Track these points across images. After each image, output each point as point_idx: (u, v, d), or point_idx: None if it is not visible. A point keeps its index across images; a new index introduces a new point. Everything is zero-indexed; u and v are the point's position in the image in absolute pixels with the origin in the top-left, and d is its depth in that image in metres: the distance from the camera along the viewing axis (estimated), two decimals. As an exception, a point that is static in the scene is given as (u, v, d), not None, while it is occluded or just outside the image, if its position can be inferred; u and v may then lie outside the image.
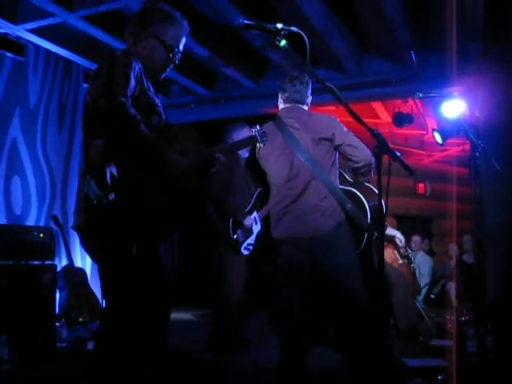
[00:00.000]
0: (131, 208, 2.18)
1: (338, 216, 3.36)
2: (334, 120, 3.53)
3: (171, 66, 2.60)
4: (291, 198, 3.44)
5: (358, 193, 3.69)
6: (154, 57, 2.50)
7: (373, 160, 3.42)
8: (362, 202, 3.67)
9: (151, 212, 2.23)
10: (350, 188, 3.65)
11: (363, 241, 3.60)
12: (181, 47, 2.60)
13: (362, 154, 3.42)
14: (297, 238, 3.44)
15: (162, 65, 2.55)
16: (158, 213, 2.26)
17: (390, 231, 5.35)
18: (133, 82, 2.25)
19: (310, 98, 3.73)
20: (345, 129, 3.49)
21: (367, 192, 3.82)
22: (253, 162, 4.79)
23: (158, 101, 2.49)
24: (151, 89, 2.47)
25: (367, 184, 3.95)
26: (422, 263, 8.06)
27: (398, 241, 5.36)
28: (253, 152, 4.72)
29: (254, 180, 4.98)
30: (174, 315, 7.26)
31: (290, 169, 3.46)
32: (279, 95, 3.76)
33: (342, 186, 3.56)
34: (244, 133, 4.50)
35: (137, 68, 2.30)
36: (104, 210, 2.16)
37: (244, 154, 4.89)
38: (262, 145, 2.89)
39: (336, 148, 3.46)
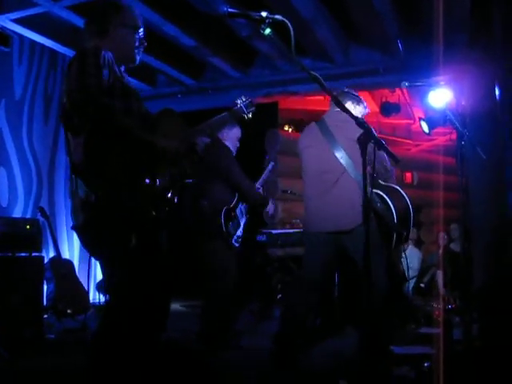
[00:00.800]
0: (120, 201, 2.18)
1: None
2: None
3: (143, 47, 2.64)
4: (322, 190, 3.64)
5: (383, 194, 3.77)
6: (125, 43, 2.55)
7: (392, 171, 3.79)
8: (387, 202, 3.75)
9: (141, 202, 2.23)
10: (376, 190, 3.73)
11: (393, 240, 3.71)
12: (142, 26, 2.63)
13: (383, 166, 3.68)
14: (324, 230, 3.63)
15: (136, 47, 2.60)
16: (148, 201, 2.25)
17: None
18: (105, 71, 2.26)
19: (351, 103, 3.92)
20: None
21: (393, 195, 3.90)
22: (238, 155, 4.81)
23: (133, 86, 2.51)
24: (125, 75, 2.50)
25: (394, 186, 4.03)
26: (412, 256, 8.10)
27: None
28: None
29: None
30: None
31: (323, 162, 3.67)
32: None
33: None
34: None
35: (107, 57, 2.32)
36: (94, 207, 2.18)
37: (233, 147, 4.84)
38: (249, 115, 2.86)
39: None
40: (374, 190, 3.66)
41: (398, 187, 3.92)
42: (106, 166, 2.16)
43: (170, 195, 2.36)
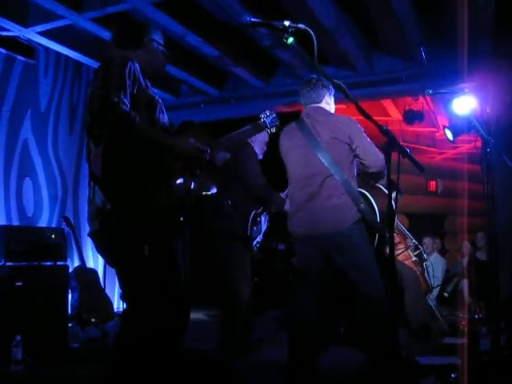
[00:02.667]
0: (135, 211, 2.20)
1: (355, 214, 3.37)
2: (351, 122, 3.55)
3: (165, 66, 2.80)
4: (308, 195, 3.49)
5: (367, 194, 3.71)
6: (156, 58, 2.67)
7: (384, 167, 3.41)
8: (372, 203, 3.69)
9: (155, 212, 2.23)
10: (360, 189, 3.65)
11: (375, 241, 3.63)
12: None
13: (373, 160, 3.47)
14: (312, 236, 3.48)
15: (163, 63, 2.74)
16: (163, 212, 2.26)
17: None
18: (129, 82, 2.29)
19: (329, 94, 3.76)
20: (362, 133, 3.52)
21: (376, 192, 3.83)
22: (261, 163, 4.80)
23: (158, 97, 2.53)
24: (149, 86, 2.53)
25: (378, 184, 3.96)
26: (436, 265, 7.99)
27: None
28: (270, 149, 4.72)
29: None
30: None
31: (308, 166, 3.52)
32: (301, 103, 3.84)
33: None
34: (261, 136, 4.52)
35: (132, 68, 2.35)
36: (109, 216, 2.20)
37: (259, 156, 4.83)
38: (273, 130, 2.87)
39: (354, 150, 3.48)
40: (358, 189, 3.56)
41: (379, 185, 3.84)
42: (122, 177, 2.19)
43: (185, 209, 2.37)
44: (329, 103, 3.77)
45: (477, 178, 3.86)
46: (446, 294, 8.14)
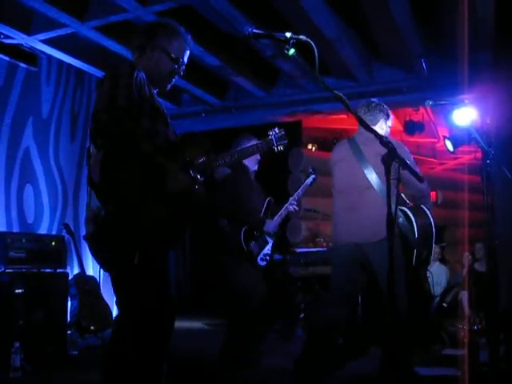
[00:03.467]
0: (128, 219, 2.22)
1: None
2: (399, 145, 3.67)
3: (176, 77, 2.66)
4: (348, 205, 3.74)
5: (408, 211, 3.80)
6: (159, 68, 2.57)
7: (425, 192, 3.84)
8: (411, 220, 3.76)
9: (149, 223, 2.25)
10: (401, 207, 3.76)
11: (413, 256, 3.71)
12: (185, 59, 2.67)
13: (412, 187, 3.68)
14: (351, 245, 3.68)
15: (168, 75, 2.61)
16: (157, 225, 2.27)
17: None
18: (135, 92, 2.28)
19: (384, 120, 3.99)
20: (409, 157, 3.71)
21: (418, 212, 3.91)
22: (261, 173, 4.81)
23: (163, 108, 2.52)
24: (155, 97, 2.51)
25: (422, 206, 4.03)
26: (439, 273, 8.01)
27: None
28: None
29: (263, 191, 4.96)
30: (186, 324, 7.26)
31: (351, 177, 3.76)
32: None
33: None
34: (251, 143, 4.50)
35: (139, 76, 2.34)
36: (103, 221, 2.22)
37: (252, 167, 4.85)
38: (280, 148, 2.86)
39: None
40: (399, 207, 3.66)
41: (423, 206, 3.90)
42: (119, 185, 2.20)
43: (180, 221, 2.37)
44: (383, 128, 3.95)
45: (477, 189, 3.87)
46: (445, 305, 8.13)
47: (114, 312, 6.56)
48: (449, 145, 5.47)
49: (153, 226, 2.26)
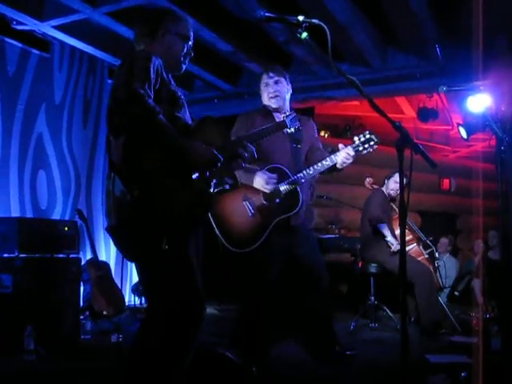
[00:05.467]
0: (155, 202, 2.18)
1: None
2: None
3: (189, 58, 2.67)
4: None
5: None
6: (173, 50, 2.58)
7: None
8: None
9: (177, 204, 2.23)
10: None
11: None
12: (192, 38, 2.67)
13: None
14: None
15: (183, 57, 2.62)
16: (184, 205, 2.26)
17: None
18: (153, 76, 2.27)
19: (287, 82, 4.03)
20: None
21: None
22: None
23: (180, 93, 2.51)
24: (172, 82, 2.51)
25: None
26: (449, 265, 7.97)
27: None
28: None
29: None
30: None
31: None
32: None
33: None
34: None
35: (157, 62, 2.34)
36: (129, 206, 2.17)
37: None
38: (292, 130, 2.86)
39: None
40: None
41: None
42: (145, 168, 2.17)
43: (206, 201, 2.36)
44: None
45: (490, 177, 3.84)
46: (456, 293, 8.12)
47: (127, 297, 6.61)
48: (463, 132, 5.40)
49: (180, 207, 2.23)
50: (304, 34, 2.08)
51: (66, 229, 4.96)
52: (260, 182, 3.64)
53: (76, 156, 6.52)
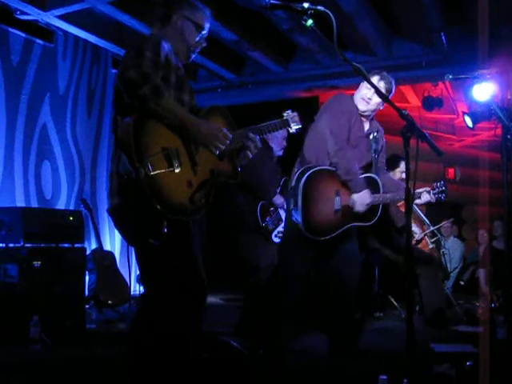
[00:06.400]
0: (161, 181, 2.16)
1: None
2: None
3: (199, 48, 2.65)
4: None
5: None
6: (184, 37, 2.55)
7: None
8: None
9: (182, 188, 2.22)
10: None
11: None
12: (207, 29, 2.63)
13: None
14: None
15: (193, 45, 2.60)
16: (188, 190, 2.24)
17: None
18: (162, 59, 2.27)
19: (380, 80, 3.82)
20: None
21: None
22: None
23: (188, 80, 2.52)
24: (181, 68, 2.49)
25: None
26: (454, 248, 7.96)
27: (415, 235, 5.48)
28: None
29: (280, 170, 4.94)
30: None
31: None
32: None
33: None
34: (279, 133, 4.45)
35: (166, 47, 2.33)
36: (133, 186, 2.14)
37: (278, 151, 4.82)
38: (292, 130, 2.84)
39: None
40: None
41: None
42: (153, 148, 2.16)
43: (208, 191, 2.35)
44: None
45: (496, 166, 3.81)
46: (461, 283, 8.12)
47: (132, 287, 6.63)
48: (468, 121, 5.38)
49: (185, 191, 2.22)
50: (309, 22, 2.07)
51: (71, 218, 4.97)
52: (361, 200, 3.68)
53: (80, 146, 6.52)
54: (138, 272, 7.04)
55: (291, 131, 2.87)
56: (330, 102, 3.85)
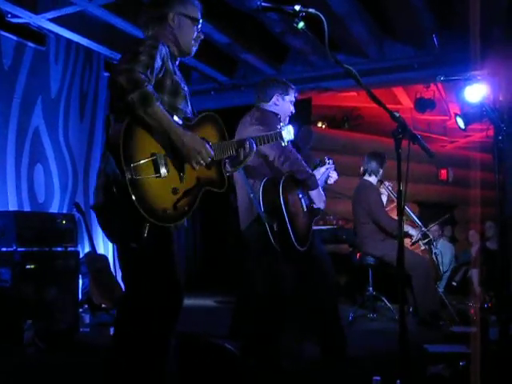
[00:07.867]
0: (146, 187, 2.15)
1: None
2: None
3: (199, 40, 2.64)
4: None
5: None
6: (183, 33, 2.54)
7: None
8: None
9: (166, 194, 2.22)
10: None
11: None
12: (201, 19, 2.63)
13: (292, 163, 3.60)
14: None
15: (193, 39, 2.59)
16: (173, 196, 2.24)
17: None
18: (158, 63, 2.26)
19: (280, 95, 3.90)
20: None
21: None
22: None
23: (184, 85, 2.49)
24: (177, 73, 2.48)
25: None
26: (444, 250, 7.99)
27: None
28: None
29: None
30: (196, 301, 7.29)
31: None
32: None
33: None
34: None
35: (163, 50, 2.32)
36: (118, 187, 2.13)
37: None
38: (284, 143, 2.85)
39: None
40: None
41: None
42: (141, 152, 2.16)
43: (193, 198, 2.33)
44: (278, 104, 3.87)
45: (488, 167, 3.84)
46: (454, 283, 8.15)
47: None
48: (460, 122, 5.40)
49: (169, 198, 2.22)
50: (301, 24, 2.07)
51: (64, 222, 4.96)
52: (319, 196, 3.66)
53: (73, 149, 6.50)
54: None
55: (284, 144, 2.89)
56: None
